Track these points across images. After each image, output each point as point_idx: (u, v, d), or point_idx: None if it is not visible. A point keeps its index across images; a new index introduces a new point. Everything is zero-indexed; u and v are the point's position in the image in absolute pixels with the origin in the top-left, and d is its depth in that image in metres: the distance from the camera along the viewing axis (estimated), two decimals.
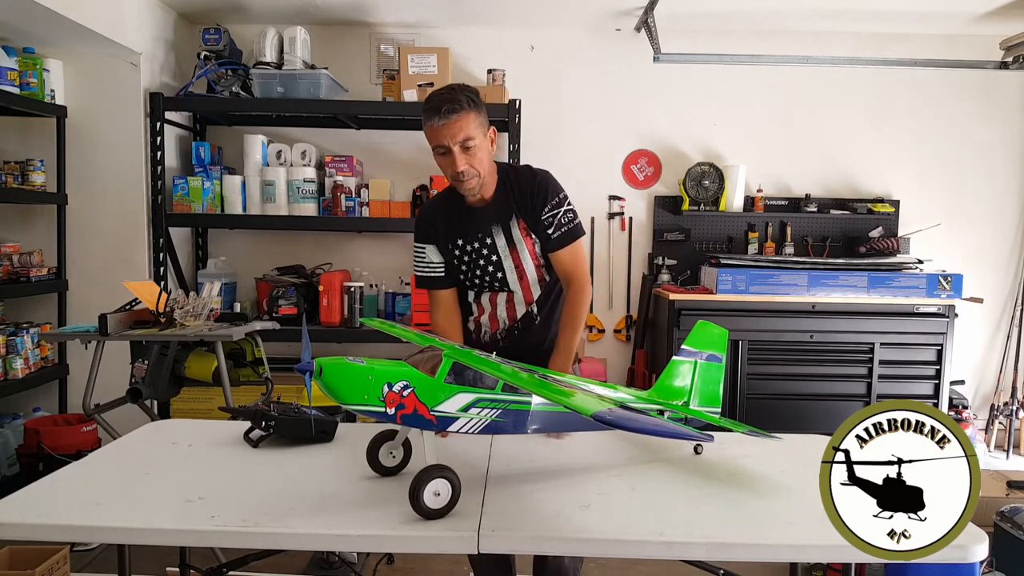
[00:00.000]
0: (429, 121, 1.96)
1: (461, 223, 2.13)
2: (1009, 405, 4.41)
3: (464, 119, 1.94)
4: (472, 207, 2.12)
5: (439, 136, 1.96)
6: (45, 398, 3.87)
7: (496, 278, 2.13)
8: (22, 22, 3.32)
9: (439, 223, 2.16)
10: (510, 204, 2.10)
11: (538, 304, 2.17)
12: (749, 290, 4.00)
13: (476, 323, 2.22)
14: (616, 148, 4.52)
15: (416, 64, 4.00)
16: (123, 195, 3.89)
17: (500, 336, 2.19)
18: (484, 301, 2.18)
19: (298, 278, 4.15)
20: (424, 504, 1.35)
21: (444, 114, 1.92)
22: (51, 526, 1.37)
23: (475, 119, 1.97)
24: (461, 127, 1.94)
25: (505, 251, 2.11)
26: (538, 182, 2.10)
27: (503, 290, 2.15)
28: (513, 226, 2.10)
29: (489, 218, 2.11)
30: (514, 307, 2.17)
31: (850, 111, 4.50)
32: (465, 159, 1.97)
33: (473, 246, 2.12)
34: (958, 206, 4.52)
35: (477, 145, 1.98)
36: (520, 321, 2.17)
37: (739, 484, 1.62)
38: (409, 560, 3.05)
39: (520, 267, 2.12)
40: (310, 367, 1.36)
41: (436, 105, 1.94)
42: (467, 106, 1.95)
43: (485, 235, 2.11)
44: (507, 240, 2.10)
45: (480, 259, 2.12)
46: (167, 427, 2.06)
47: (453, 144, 1.95)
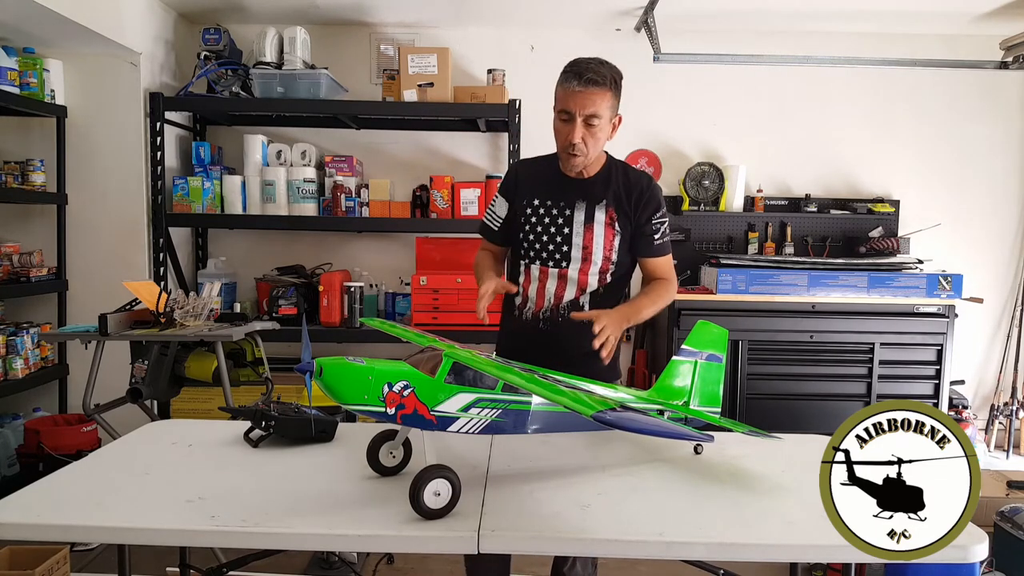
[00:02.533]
0: (566, 83, 1.93)
1: (547, 186, 2.10)
2: (1009, 405, 4.41)
3: (600, 95, 1.92)
4: (564, 176, 2.09)
5: (569, 101, 1.93)
6: (45, 398, 3.86)
7: (560, 249, 2.06)
8: (22, 22, 3.32)
9: (524, 178, 2.14)
10: (608, 191, 2.07)
11: (591, 297, 2.08)
12: (749, 290, 4.00)
13: (524, 295, 2.13)
14: (616, 148, 4.44)
15: (416, 64, 4.00)
16: (123, 195, 3.89)
17: (542, 317, 2.09)
18: (534, 272, 2.11)
19: (298, 278, 4.15)
20: (424, 504, 1.35)
21: (584, 82, 1.91)
22: (51, 526, 1.37)
23: (610, 99, 1.95)
24: (594, 100, 1.92)
25: (580, 227, 2.06)
26: (655, 189, 2.12)
27: (558, 265, 2.07)
28: (599, 209, 2.06)
29: (579, 192, 2.07)
30: (565, 286, 2.08)
31: (850, 111, 4.49)
32: (583, 133, 1.95)
33: (551, 212, 2.07)
34: (958, 206, 4.52)
35: (600, 126, 1.96)
36: (567, 306, 2.08)
37: (739, 484, 1.62)
38: (409, 560, 3.05)
39: (588, 248, 2.06)
40: (310, 367, 1.36)
41: (580, 70, 1.91)
42: (609, 85, 1.94)
43: (567, 206, 2.07)
44: (587, 217, 2.06)
45: (552, 226, 2.07)
46: (167, 427, 2.06)
47: (580, 114, 1.92)
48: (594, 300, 2.09)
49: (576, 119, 1.93)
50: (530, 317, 2.11)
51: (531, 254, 2.10)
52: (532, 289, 2.11)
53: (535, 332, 2.09)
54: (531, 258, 2.11)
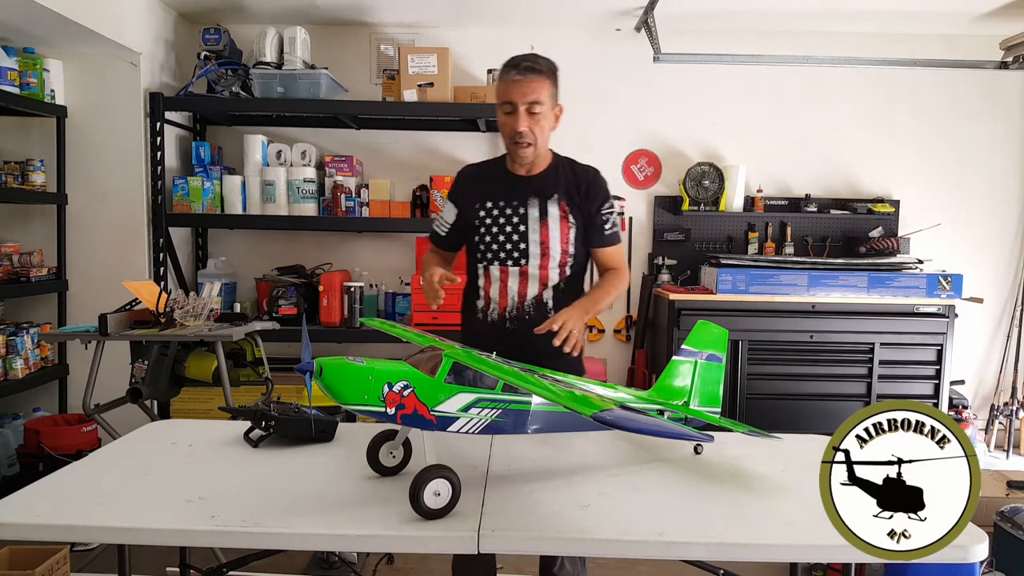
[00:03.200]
0: (505, 75, 1.99)
1: (497, 187, 2.13)
2: (1009, 405, 4.41)
3: (539, 82, 1.99)
4: (513, 175, 2.13)
5: (510, 92, 1.98)
6: (45, 398, 3.86)
7: (517, 248, 2.09)
8: (22, 22, 3.32)
9: (472, 183, 2.17)
10: (557, 185, 2.11)
11: (554, 292, 2.11)
12: (749, 290, 4.00)
13: (486, 298, 2.14)
14: (616, 148, 4.52)
15: (416, 64, 4.00)
16: (123, 195, 3.89)
17: (508, 316, 2.12)
18: (494, 273, 2.12)
19: (298, 278, 4.15)
20: (424, 504, 1.35)
21: (523, 70, 1.97)
22: (51, 526, 1.37)
23: (549, 87, 2.02)
24: (534, 88, 1.98)
25: (535, 223, 2.09)
26: (601, 181, 2.17)
27: (517, 264, 2.10)
28: (552, 204, 2.10)
29: (529, 190, 2.11)
30: (527, 283, 2.10)
31: (850, 111, 4.50)
32: (528, 122, 1.99)
33: (504, 212, 2.10)
34: (958, 206, 4.52)
35: (543, 114, 2.01)
36: (531, 303, 2.11)
37: (739, 484, 1.62)
38: (409, 560, 3.05)
39: (546, 243, 2.09)
40: (310, 367, 1.36)
41: (516, 61, 1.99)
42: (546, 73, 2.01)
43: (520, 204, 2.10)
44: (540, 214, 2.09)
45: (507, 225, 2.10)
46: (167, 427, 2.06)
47: (522, 103, 1.98)
48: (556, 294, 2.12)
49: (519, 109, 1.98)
50: (496, 318, 2.14)
51: (488, 255, 2.13)
52: (494, 290, 2.13)
53: (503, 332, 2.10)
54: (489, 260, 2.13)
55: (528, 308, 2.11)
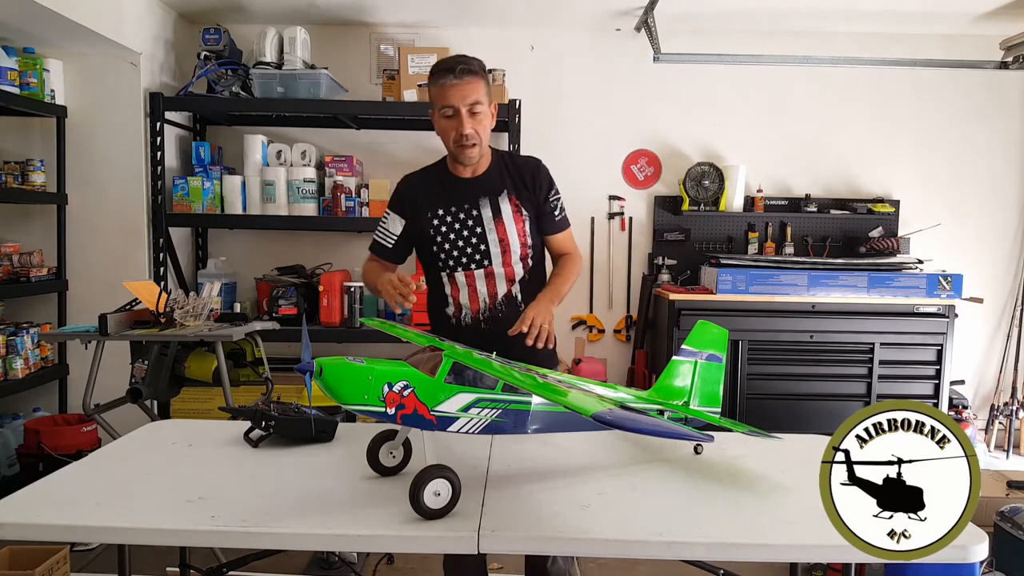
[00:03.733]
0: (441, 80, 1.98)
1: (445, 193, 2.12)
2: (1009, 405, 4.41)
3: (476, 83, 1.98)
4: (459, 179, 2.13)
5: (449, 96, 1.97)
6: (45, 398, 3.86)
7: (478, 250, 2.10)
8: (22, 22, 3.32)
9: (418, 194, 2.16)
10: (504, 181, 2.12)
11: (521, 286, 2.14)
12: (749, 290, 4.00)
13: (456, 304, 2.15)
14: (616, 148, 4.52)
15: (416, 64, 4.00)
16: (123, 195, 3.89)
17: (482, 318, 2.13)
18: (459, 279, 2.13)
19: (298, 278, 4.15)
20: (424, 504, 1.35)
21: (459, 74, 1.95)
22: (51, 526, 1.37)
23: (484, 87, 2.01)
24: (473, 90, 1.97)
25: (491, 223, 2.10)
26: (543, 170, 2.18)
27: (481, 266, 2.11)
28: (503, 201, 2.11)
29: (477, 190, 2.11)
30: (495, 284, 2.12)
31: (850, 111, 4.50)
32: (471, 123, 1.99)
33: (458, 217, 2.10)
34: (958, 206, 4.52)
35: (484, 112, 2.01)
36: (502, 301, 2.13)
37: (739, 484, 1.62)
38: (409, 560, 3.05)
39: (505, 240, 2.10)
40: (310, 367, 1.35)
41: (450, 65, 1.97)
42: (479, 72, 2.00)
43: (472, 207, 2.10)
44: (493, 212, 2.10)
45: (464, 230, 2.11)
46: (167, 427, 2.06)
47: (463, 106, 1.97)
48: (523, 287, 2.15)
49: (461, 111, 1.97)
50: (470, 321, 2.15)
51: (450, 263, 2.13)
52: (463, 295, 2.14)
53: (478, 333, 2.10)
54: (452, 266, 2.13)
55: (500, 306, 2.14)
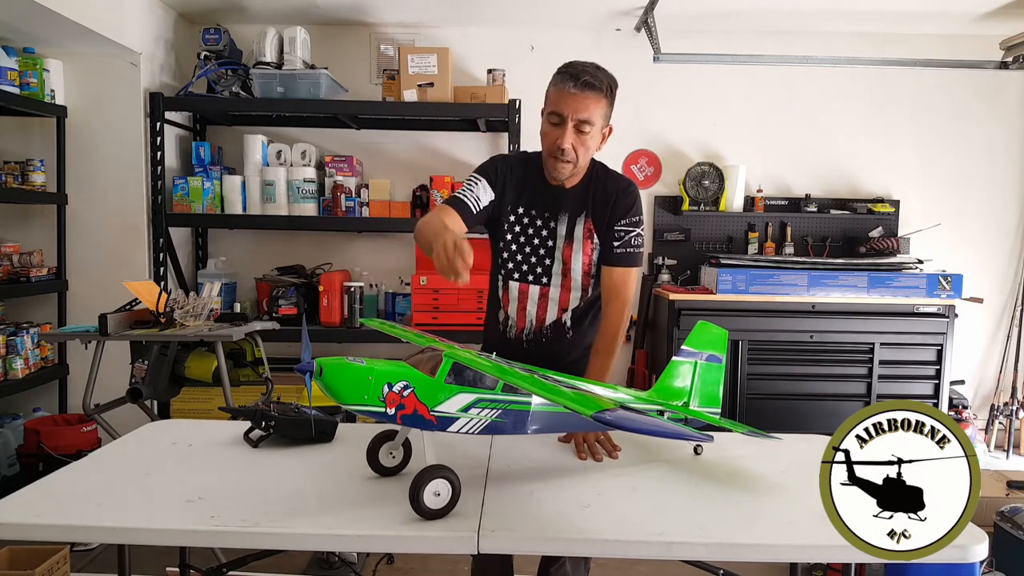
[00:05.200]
0: (561, 84, 1.84)
1: (533, 192, 2.00)
2: (1009, 405, 4.41)
3: (595, 100, 1.85)
4: (548, 184, 1.99)
5: (562, 103, 1.84)
6: (45, 398, 3.87)
7: (542, 263, 2.00)
8: (22, 22, 3.32)
9: (515, 177, 2.00)
10: (587, 200, 1.99)
11: (573, 316, 2.03)
12: (749, 290, 4.00)
13: (505, 312, 2.08)
14: (616, 148, 4.51)
15: (416, 64, 4.00)
16: (123, 195, 3.89)
17: (526, 338, 2.05)
18: (512, 289, 2.04)
19: (298, 278, 4.15)
20: (424, 504, 1.35)
21: (581, 84, 1.82)
22: (51, 526, 1.37)
23: (604, 107, 1.88)
24: (588, 105, 1.84)
25: (561, 241, 1.98)
26: (630, 193, 2.01)
27: (539, 282, 2.01)
28: (579, 222, 1.98)
29: (561, 203, 1.99)
30: (546, 307, 2.02)
31: (850, 111, 4.50)
32: (574, 139, 1.86)
33: (535, 222, 1.99)
34: (958, 206, 4.52)
35: (591, 133, 1.88)
36: (550, 327, 2.04)
37: (739, 484, 1.62)
38: (409, 560, 3.05)
39: (567, 263, 1.99)
40: (310, 367, 1.35)
41: (576, 72, 1.84)
42: (605, 91, 1.87)
43: (551, 217, 1.99)
44: (568, 231, 1.98)
45: (535, 237, 1.99)
46: (167, 427, 2.06)
47: (571, 118, 1.84)
48: (575, 315, 2.04)
49: (567, 123, 1.85)
50: (514, 336, 2.08)
51: (510, 266, 2.03)
52: (512, 308, 2.06)
53: (519, 349, 2.05)
54: (509, 272, 2.04)
55: (546, 331, 2.04)
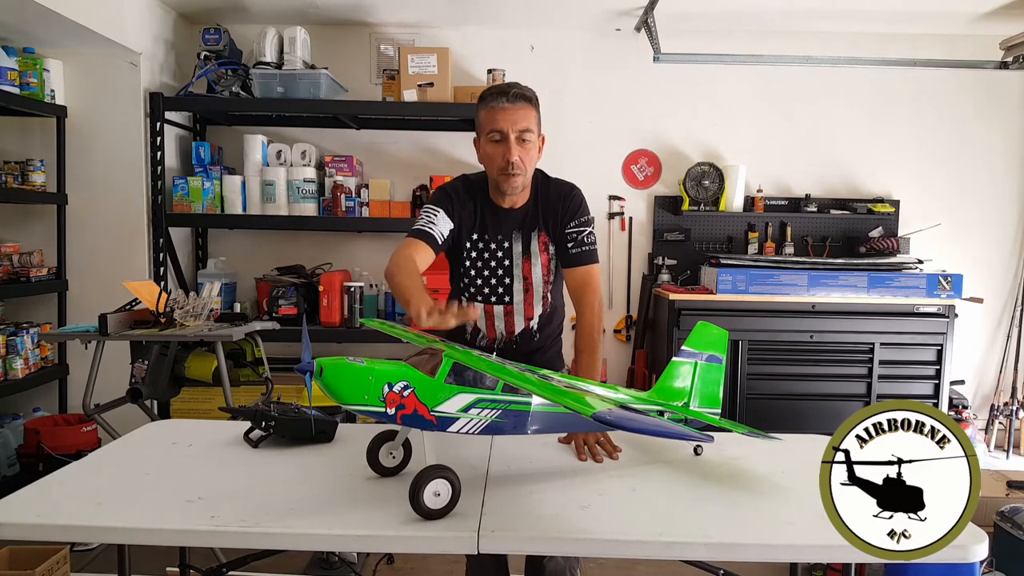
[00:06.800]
0: (493, 102, 1.90)
1: (487, 219, 2.04)
2: (1009, 405, 4.41)
3: (528, 110, 1.91)
4: (498, 208, 2.03)
5: (499, 120, 1.89)
6: (45, 398, 3.86)
7: (503, 284, 2.05)
8: (22, 22, 3.32)
9: (467, 206, 2.03)
10: (537, 214, 2.03)
11: (539, 322, 2.10)
12: (749, 290, 4.00)
13: (473, 326, 2.11)
14: (616, 148, 4.52)
15: (416, 64, 4.00)
16: (123, 195, 3.89)
17: (497, 347, 2.10)
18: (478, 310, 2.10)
19: (298, 278, 4.15)
20: (424, 504, 1.35)
21: (512, 98, 1.88)
22: (51, 526, 1.37)
23: (535, 116, 1.94)
24: (524, 116, 1.90)
25: (518, 259, 2.03)
26: (574, 197, 2.05)
27: (501, 303, 2.06)
28: (534, 237, 2.03)
29: (513, 223, 2.03)
30: (513, 321, 2.08)
31: (850, 111, 4.50)
32: (519, 150, 1.90)
33: (489, 246, 2.04)
34: (958, 206, 4.52)
35: (533, 141, 1.93)
36: (519, 335, 2.10)
37: (739, 484, 1.62)
38: (409, 560, 3.05)
39: (528, 279, 2.05)
40: (310, 367, 1.35)
41: (504, 88, 1.90)
42: (534, 101, 1.94)
43: (504, 239, 2.03)
44: (523, 248, 2.03)
45: (492, 260, 2.04)
46: (167, 427, 2.06)
47: (512, 131, 1.89)
48: (542, 321, 2.10)
49: (509, 137, 1.89)
50: (484, 345, 2.11)
51: (472, 291, 2.07)
52: (480, 323, 2.10)
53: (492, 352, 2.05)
54: (472, 296, 2.07)
55: (516, 339, 2.10)
